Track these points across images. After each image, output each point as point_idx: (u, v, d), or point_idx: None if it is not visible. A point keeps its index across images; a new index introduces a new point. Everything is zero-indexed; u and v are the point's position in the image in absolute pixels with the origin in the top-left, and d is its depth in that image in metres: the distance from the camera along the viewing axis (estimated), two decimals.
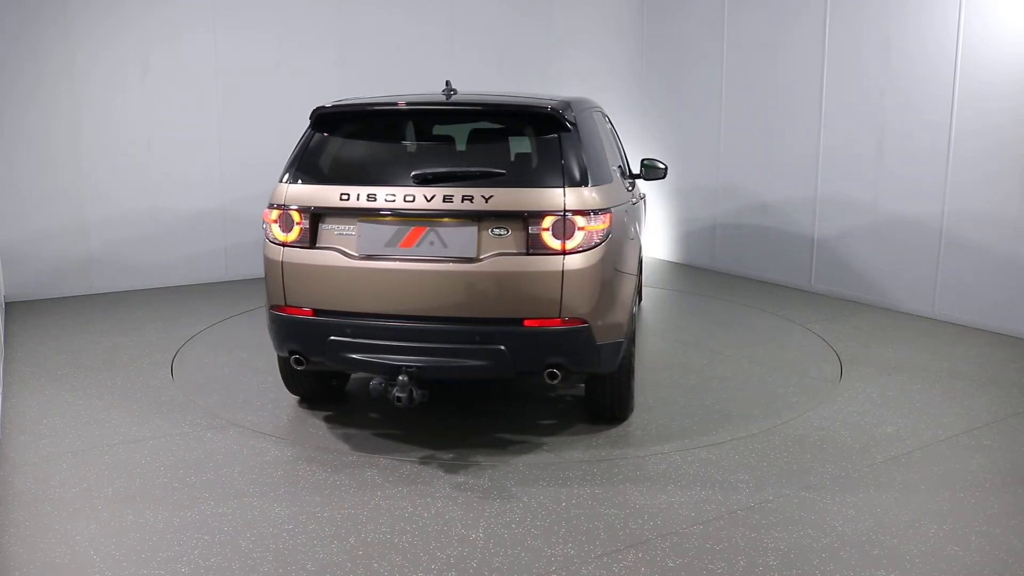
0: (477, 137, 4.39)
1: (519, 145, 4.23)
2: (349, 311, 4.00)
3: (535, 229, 3.86)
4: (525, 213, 3.86)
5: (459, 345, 3.89)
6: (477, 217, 3.89)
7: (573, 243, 3.88)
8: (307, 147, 4.25)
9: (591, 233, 3.92)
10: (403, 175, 4.01)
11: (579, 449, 4.22)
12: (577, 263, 3.88)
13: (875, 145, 7.20)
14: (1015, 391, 5.15)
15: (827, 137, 7.63)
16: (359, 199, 3.97)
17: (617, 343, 4.16)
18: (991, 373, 5.49)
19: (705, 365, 5.64)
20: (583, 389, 4.68)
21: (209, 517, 3.49)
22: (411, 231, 3.94)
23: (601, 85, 9.65)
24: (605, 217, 3.98)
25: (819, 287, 7.88)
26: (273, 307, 4.20)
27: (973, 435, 4.45)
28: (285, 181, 4.19)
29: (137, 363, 5.58)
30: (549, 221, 3.85)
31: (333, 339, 4.00)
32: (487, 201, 3.86)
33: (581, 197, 3.92)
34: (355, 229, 4.00)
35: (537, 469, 3.99)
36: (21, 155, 7.13)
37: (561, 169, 3.97)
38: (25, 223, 7.21)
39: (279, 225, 4.12)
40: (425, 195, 3.91)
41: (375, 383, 3.94)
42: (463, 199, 3.87)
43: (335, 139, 4.29)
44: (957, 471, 4.00)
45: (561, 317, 3.89)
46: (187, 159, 7.83)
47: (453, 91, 4.53)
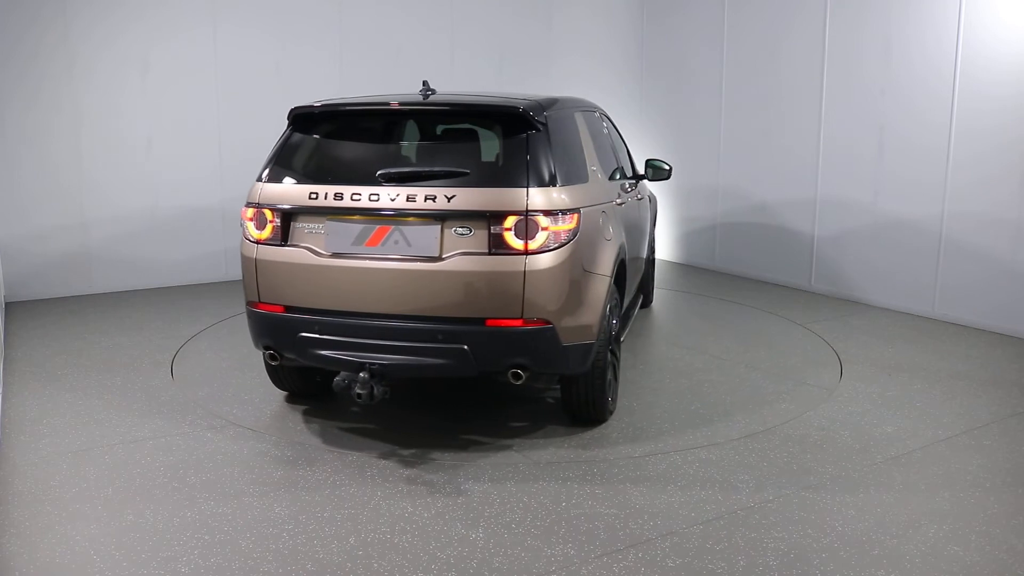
0: (448, 137, 4.41)
1: (488, 145, 4.25)
2: (317, 308, 4.07)
3: (497, 229, 3.86)
4: (487, 213, 3.87)
5: (422, 343, 3.92)
6: (440, 217, 3.91)
7: (536, 243, 3.87)
8: (283, 147, 4.34)
9: (556, 233, 3.92)
10: (372, 175, 4.05)
11: (548, 449, 4.22)
12: (540, 263, 3.87)
13: (875, 145, 7.20)
14: (1015, 391, 5.15)
15: (827, 137, 7.63)
16: (327, 198, 4.03)
17: (586, 345, 4.14)
18: (991, 373, 5.49)
19: (701, 368, 5.64)
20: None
21: (209, 517, 3.49)
22: (376, 230, 3.99)
23: (601, 86, 9.66)
24: (571, 217, 3.98)
25: (819, 287, 7.88)
26: (249, 303, 4.30)
27: (973, 435, 4.45)
28: (260, 180, 4.27)
29: (137, 363, 5.58)
30: (511, 221, 3.85)
31: (303, 335, 4.07)
32: (449, 201, 3.88)
33: (546, 197, 3.91)
34: (324, 228, 4.06)
35: (537, 468, 3.99)
36: (22, 155, 7.13)
37: (526, 169, 3.96)
38: (25, 223, 7.21)
39: (254, 223, 4.22)
40: (389, 194, 3.95)
41: (338, 379, 4.04)
42: (426, 199, 3.90)
43: (310, 138, 4.35)
44: (957, 471, 4.00)
45: (524, 317, 3.89)
46: (187, 159, 7.83)
47: (431, 91, 4.54)
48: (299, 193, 4.10)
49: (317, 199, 4.05)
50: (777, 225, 8.25)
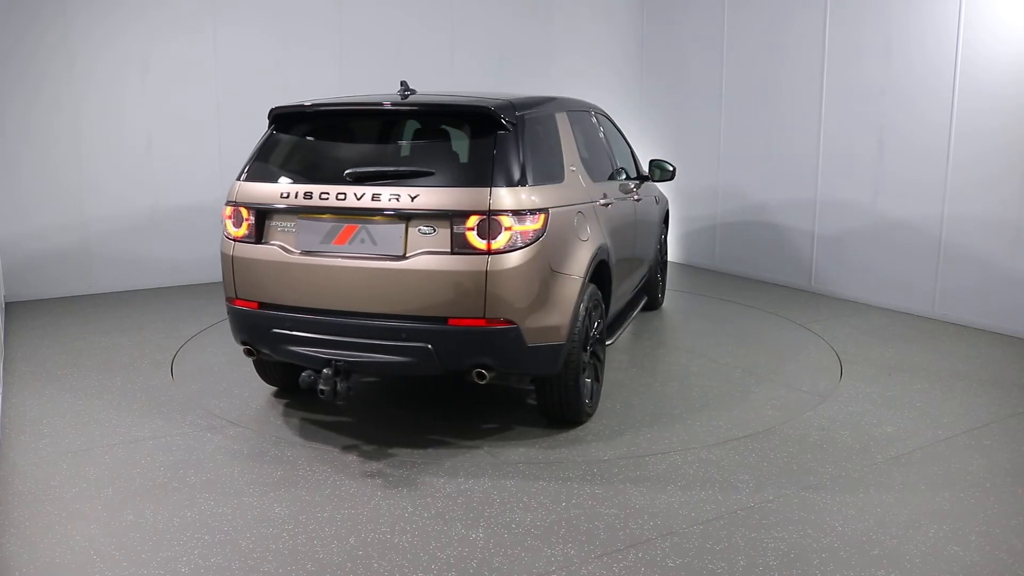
0: (419, 137, 4.41)
1: (458, 145, 4.25)
2: (288, 305, 4.15)
3: (460, 228, 3.88)
4: (450, 212, 3.88)
5: (387, 341, 3.97)
6: (404, 216, 3.95)
7: (499, 243, 3.87)
8: (262, 146, 4.43)
9: (521, 233, 3.92)
10: (341, 174, 4.09)
11: (519, 450, 4.22)
12: (503, 263, 3.87)
13: (875, 145, 7.20)
14: (1015, 391, 5.15)
15: (827, 137, 7.64)
16: (297, 197, 4.11)
17: (554, 346, 4.13)
18: (991, 373, 5.49)
19: (696, 372, 5.64)
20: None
21: (209, 517, 3.49)
22: (344, 229, 4.05)
23: (601, 86, 9.65)
24: (538, 218, 3.98)
25: (819, 287, 7.88)
26: (227, 299, 4.40)
27: (973, 435, 4.45)
28: (239, 179, 4.35)
29: (137, 363, 5.58)
30: (474, 220, 3.86)
31: (275, 331, 4.17)
32: (413, 200, 3.91)
33: (512, 197, 3.92)
34: (295, 226, 4.14)
35: (537, 468, 3.99)
36: (22, 155, 7.13)
37: (491, 169, 3.97)
38: (25, 223, 7.21)
39: (232, 221, 4.31)
40: (356, 193, 4.00)
41: (304, 375, 4.08)
42: (390, 198, 3.94)
43: (287, 138, 4.43)
44: (957, 471, 4.01)
45: (486, 317, 3.90)
46: (187, 159, 7.83)
47: (409, 91, 4.56)
48: (272, 192, 4.19)
49: (288, 198, 4.13)
50: (777, 225, 8.26)
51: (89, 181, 7.44)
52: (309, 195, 4.08)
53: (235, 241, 4.29)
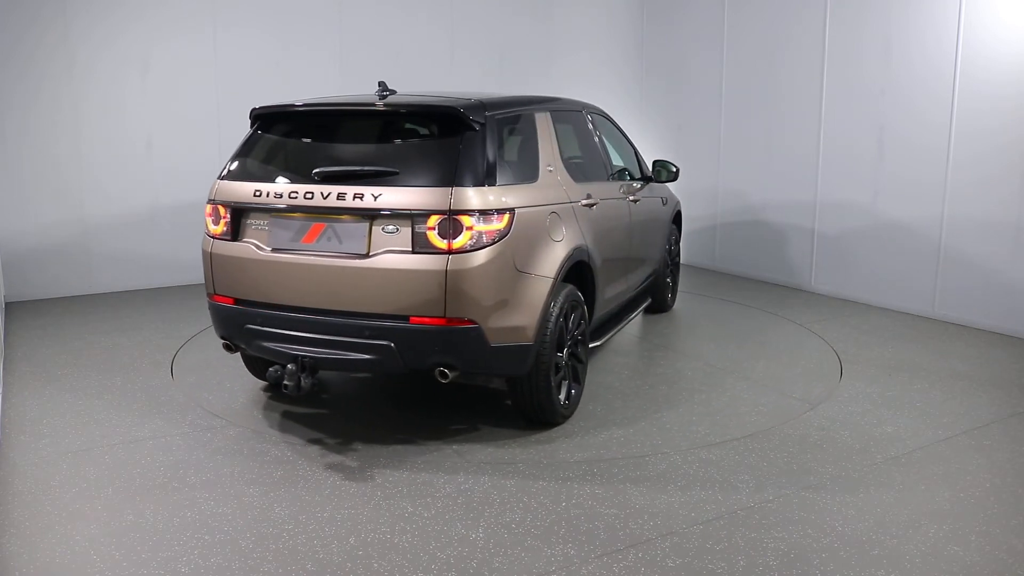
0: (391, 137, 4.42)
1: (427, 145, 4.27)
2: (261, 301, 4.25)
3: (421, 228, 3.91)
4: (411, 212, 3.91)
5: (351, 339, 4.03)
6: (368, 215, 3.99)
7: (460, 242, 3.89)
8: (243, 146, 4.51)
9: (484, 233, 3.93)
10: (310, 174, 4.14)
11: (488, 450, 4.22)
12: (464, 263, 3.89)
13: (875, 145, 7.20)
14: (1015, 391, 5.15)
15: (827, 137, 7.64)
16: (269, 196, 4.19)
17: (520, 347, 4.13)
18: (991, 373, 5.49)
19: (690, 375, 5.64)
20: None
21: (209, 517, 3.49)
22: (312, 227, 4.11)
23: (601, 86, 9.65)
24: (502, 217, 3.98)
25: (819, 287, 7.88)
26: (208, 295, 4.48)
27: (973, 435, 4.45)
28: (219, 177, 4.43)
29: (137, 363, 5.58)
30: (434, 220, 3.88)
31: (248, 327, 4.27)
32: (376, 199, 3.95)
33: (477, 197, 3.92)
34: (268, 224, 4.22)
35: (537, 468, 3.99)
36: (22, 155, 7.13)
37: (455, 169, 3.98)
38: (26, 222, 7.21)
39: (211, 219, 4.40)
40: (322, 193, 4.06)
41: (272, 370, 4.14)
42: (355, 197, 3.99)
43: (266, 138, 4.50)
44: (957, 471, 4.00)
45: (447, 316, 3.92)
46: (187, 158, 7.82)
47: (388, 91, 4.57)
48: (247, 191, 4.27)
49: (261, 196, 4.21)
50: (777, 225, 8.26)
51: (89, 181, 7.44)
52: (280, 194, 4.16)
53: (214, 238, 4.39)
